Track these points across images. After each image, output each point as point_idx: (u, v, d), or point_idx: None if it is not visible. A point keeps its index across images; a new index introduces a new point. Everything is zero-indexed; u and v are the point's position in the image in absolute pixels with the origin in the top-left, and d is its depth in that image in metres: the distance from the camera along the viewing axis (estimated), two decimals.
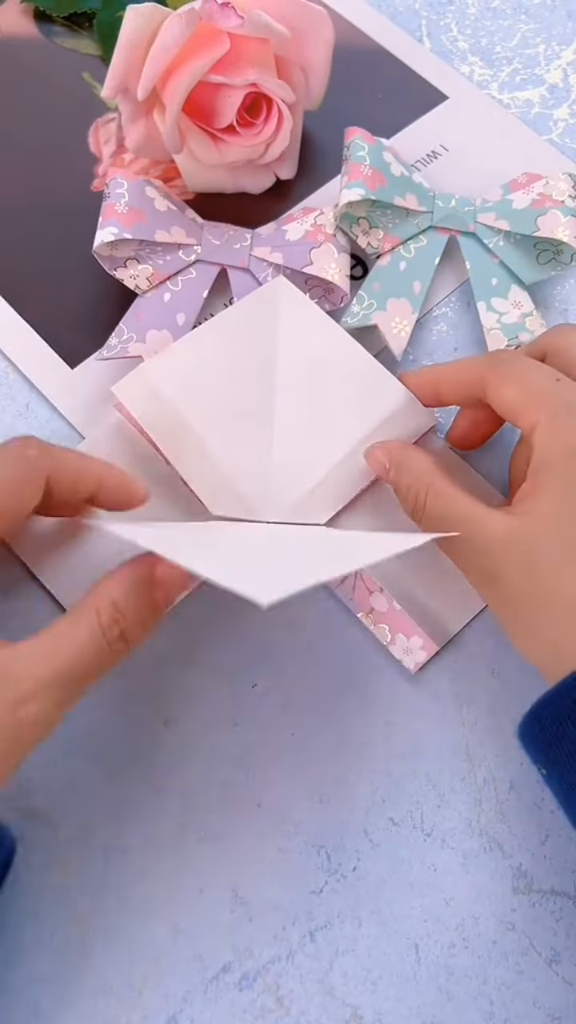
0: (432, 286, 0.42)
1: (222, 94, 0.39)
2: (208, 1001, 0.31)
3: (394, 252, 0.41)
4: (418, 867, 0.33)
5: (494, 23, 0.50)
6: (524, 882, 0.33)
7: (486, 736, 0.34)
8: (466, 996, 0.31)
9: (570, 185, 0.41)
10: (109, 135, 0.45)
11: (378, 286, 0.40)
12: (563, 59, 0.49)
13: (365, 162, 0.40)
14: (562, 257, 0.41)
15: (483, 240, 0.41)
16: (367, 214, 0.40)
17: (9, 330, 0.40)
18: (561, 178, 0.41)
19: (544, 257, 0.41)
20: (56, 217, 0.43)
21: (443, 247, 0.41)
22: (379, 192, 0.39)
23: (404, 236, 0.41)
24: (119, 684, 0.34)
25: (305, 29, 0.39)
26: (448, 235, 0.42)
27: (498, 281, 0.41)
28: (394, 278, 0.40)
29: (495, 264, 0.41)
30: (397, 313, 0.40)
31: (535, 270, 0.41)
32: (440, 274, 0.42)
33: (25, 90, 0.46)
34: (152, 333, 0.38)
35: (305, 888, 0.32)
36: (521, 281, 0.41)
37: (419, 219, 0.41)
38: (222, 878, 0.32)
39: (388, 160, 0.41)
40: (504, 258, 0.41)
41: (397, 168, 0.41)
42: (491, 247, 0.41)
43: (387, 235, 0.41)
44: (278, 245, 0.39)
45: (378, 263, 0.41)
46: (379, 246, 0.41)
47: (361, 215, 0.40)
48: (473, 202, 0.42)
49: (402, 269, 0.41)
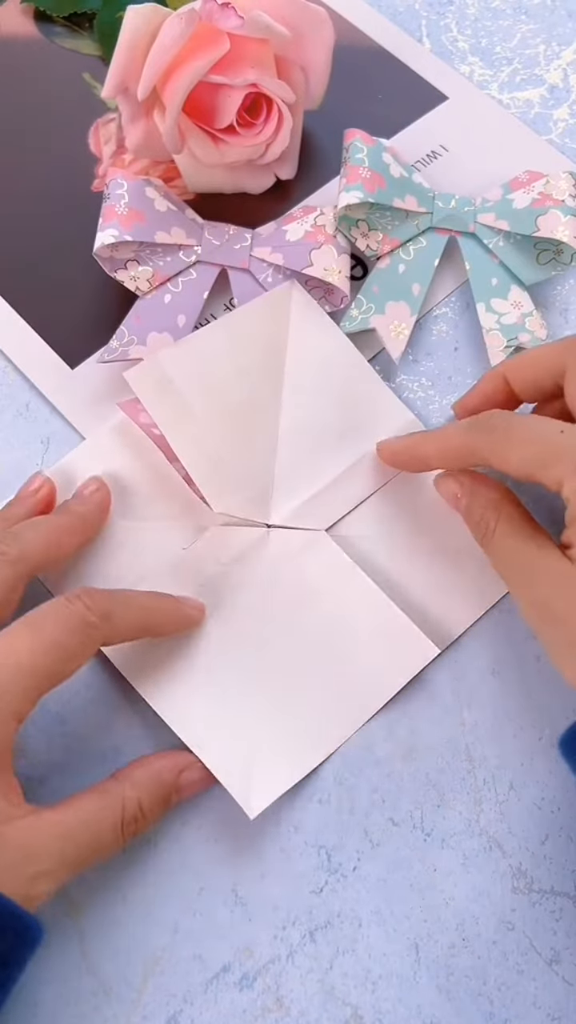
0: (432, 286, 0.42)
1: (222, 94, 0.39)
2: (208, 1001, 0.31)
3: (393, 254, 0.41)
4: (418, 867, 0.33)
5: (494, 23, 0.50)
6: (524, 882, 0.33)
7: (486, 736, 0.34)
8: (466, 996, 0.31)
9: (571, 184, 0.41)
10: (109, 135, 0.45)
11: (377, 289, 0.40)
12: (563, 59, 0.49)
13: (364, 164, 0.39)
14: (562, 257, 0.41)
15: (483, 240, 0.41)
16: (366, 216, 0.40)
17: (9, 330, 0.40)
18: (562, 177, 0.41)
19: (544, 257, 0.41)
20: (56, 217, 0.43)
21: (443, 248, 0.41)
22: (378, 194, 0.39)
23: (403, 238, 0.41)
24: (119, 683, 0.34)
25: (305, 29, 0.39)
26: (448, 236, 0.41)
27: (498, 281, 0.41)
28: (393, 280, 0.40)
29: (495, 264, 0.41)
30: (396, 316, 0.40)
31: (535, 270, 0.41)
32: (440, 274, 0.42)
33: (25, 90, 0.46)
34: (153, 335, 0.38)
35: (305, 888, 0.32)
36: (521, 281, 0.41)
37: (419, 220, 0.41)
38: (222, 878, 0.32)
39: (387, 161, 0.41)
40: (504, 258, 0.41)
41: (396, 169, 0.41)
42: (491, 247, 0.41)
43: (386, 237, 0.41)
44: (278, 246, 0.39)
45: (377, 265, 0.41)
46: (378, 248, 0.41)
47: (360, 217, 0.40)
48: (473, 202, 0.42)
49: (401, 271, 0.41)
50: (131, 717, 0.34)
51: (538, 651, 0.36)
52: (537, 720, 0.35)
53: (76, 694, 0.34)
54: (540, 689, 0.35)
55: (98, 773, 0.33)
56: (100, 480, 0.36)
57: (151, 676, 0.34)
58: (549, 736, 0.35)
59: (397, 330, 0.40)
